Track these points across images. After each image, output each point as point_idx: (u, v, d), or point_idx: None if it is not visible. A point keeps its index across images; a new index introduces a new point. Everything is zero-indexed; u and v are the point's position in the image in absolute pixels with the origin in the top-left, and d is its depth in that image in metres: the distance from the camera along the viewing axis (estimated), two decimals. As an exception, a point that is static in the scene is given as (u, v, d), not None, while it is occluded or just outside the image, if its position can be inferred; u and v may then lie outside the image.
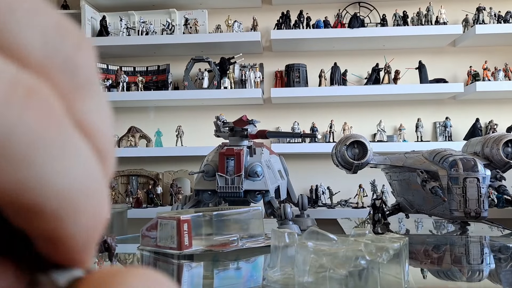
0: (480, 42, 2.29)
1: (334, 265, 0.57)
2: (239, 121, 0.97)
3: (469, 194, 0.96)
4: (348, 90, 2.25)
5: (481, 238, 1.06)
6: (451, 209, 0.96)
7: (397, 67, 2.30)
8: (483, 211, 0.95)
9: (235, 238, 0.74)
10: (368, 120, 2.39)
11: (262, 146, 1.01)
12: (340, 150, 1.08)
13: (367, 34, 2.22)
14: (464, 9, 2.33)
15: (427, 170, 1.02)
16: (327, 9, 2.40)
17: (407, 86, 2.23)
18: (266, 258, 0.73)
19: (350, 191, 2.28)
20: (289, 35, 2.24)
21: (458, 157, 0.99)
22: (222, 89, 2.24)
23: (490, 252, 0.90)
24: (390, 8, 2.37)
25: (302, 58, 2.38)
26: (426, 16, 2.27)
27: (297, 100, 2.35)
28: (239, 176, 0.91)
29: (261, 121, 1.23)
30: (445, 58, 2.40)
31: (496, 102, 2.37)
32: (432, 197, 1.00)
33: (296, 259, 0.59)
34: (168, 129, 2.33)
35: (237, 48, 2.31)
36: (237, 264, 0.70)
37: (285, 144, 2.24)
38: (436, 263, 0.79)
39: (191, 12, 2.34)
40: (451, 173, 0.97)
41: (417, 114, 2.37)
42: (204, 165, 0.96)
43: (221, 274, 0.67)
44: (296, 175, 1.66)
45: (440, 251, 0.91)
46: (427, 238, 1.10)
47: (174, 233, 0.71)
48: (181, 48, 2.31)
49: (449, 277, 0.71)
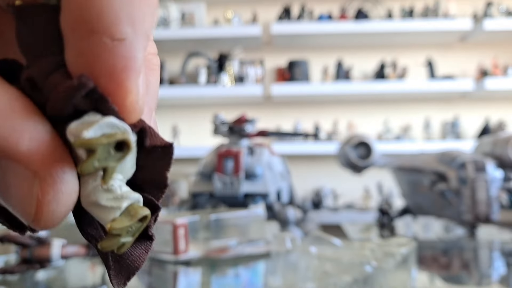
0: (490, 37, 2.26)
1: (338, 271, 0.55)
2: (239, 121, 0.94)
3: (478, 196, 0.93)
4: (353, 86, 2.22)
5: (491, 242, 1.03)
6: (460, 212, 0.94)
7: (404, 63, 2.27)
8: (493, 214, 0.92)
9: (234, 243, 0.72)
10: (374, 118, 2.35)
11: (263, 146, 0.98)
12: (345, 151, 1.06)
13: (372, 28, 2.19)
14: (472, 4, 2.30)
15: (435, 172, 0.99)
16: (330, 3, 2.37)
17: (414, 83, 2.20)
18: (266, 264, 0.70)
19: (354, 193, 2.25)
20: (291, 30, 2.20)
21: (468, 158, 0.96)
22: (221, 86, 2.21)
23: (501, 257, 0.87)
24: (396, 2, 2.33)
25: (305, 53, 2.34)
26: (434, 11, 2.23)
27: (299, 98, 2.31)
28: (238, 177, 0.88)
29: (262, 119, 1.20)
30: (453, 54, 2.36)
31: (507, 99, 2.33)
32: (440, 200, 0.98)
33: (298, 265, 0.58)
34: (164, 128, 2.30)
35: (236, 43, 2.27)
36: (236, 270, 0.68)
37: (286, 145, 2.20)
38: (445, 268, 0.77)
39: (188, 5, 2.31)
40: (460, 175, 0.94)
41: (425, 112, 2.34)
42: (202, 166, 0.94)
43: (219, 281, 0.65)
44: (298, 176, 1.63)
45: (449, 256, 0.88)
46: (436, 242, 1.07)
47: (169, 238, 0.68)
48: (177, 43, 2.27)
49: (458, 282, 0.68)
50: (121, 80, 0.13)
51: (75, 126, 0.12)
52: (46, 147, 0.13)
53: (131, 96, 0.13)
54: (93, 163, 0.13)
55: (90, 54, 0.12)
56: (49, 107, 0.13)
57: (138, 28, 0.13)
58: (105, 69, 0.13)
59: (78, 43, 0.12)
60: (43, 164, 0.13)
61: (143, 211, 0.14)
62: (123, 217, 0.13)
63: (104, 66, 0.12)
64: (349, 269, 0.55)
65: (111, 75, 0.13)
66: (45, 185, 0.13)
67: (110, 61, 0.12)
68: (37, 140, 0.13)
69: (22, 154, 0.12)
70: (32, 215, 0.13)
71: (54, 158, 0.13)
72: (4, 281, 0.55)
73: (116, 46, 0.12)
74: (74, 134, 0.12)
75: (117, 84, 0.13)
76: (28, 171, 0.13)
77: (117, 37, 0.12)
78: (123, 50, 0.13)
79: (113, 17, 0.12)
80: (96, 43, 0.12)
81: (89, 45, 0.12)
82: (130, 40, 0.13)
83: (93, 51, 0.12)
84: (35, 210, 0.13)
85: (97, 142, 0.12)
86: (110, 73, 0.13)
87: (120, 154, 0.13)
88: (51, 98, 0.13)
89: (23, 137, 0.12)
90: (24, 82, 0.13)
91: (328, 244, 0.59)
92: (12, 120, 0.12)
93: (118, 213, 0.13)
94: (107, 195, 0.13)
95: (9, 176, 0.13)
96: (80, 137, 0.12)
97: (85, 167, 0.13)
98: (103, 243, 0.14)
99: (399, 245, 0.58)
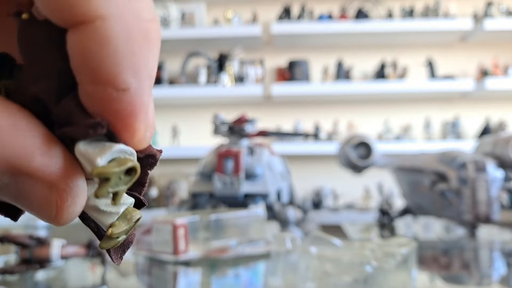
0: (490, 37, 2.25)
1: (338, 271, 0.55)
2: (239, 121, 0.94)
3: (478, 196, 0.93)
4: (353, 86, 2.21)
5: (491, 242, 1.03)
6: (460, 212, 0.94)
7: (404, 62, 2.27)
8: (493, 214, 0.92)
9: (234, 243, 0.72)
10: (374, 118, 2.35)
11: (263, 146, 0.98)
12: (345, 151, 1.06)
13: (373, 28, 2.18)
14: (473, 4, 2.29)
15: (436, 172, 0.99)
16: (331, 3, 2.36)
17: (415, 83, 2.19)
18: (266, 264, 0.70)
19: (355, 193, 2.25)
20: (291, 29, 2.20)
21: (468, 158, 0.96)
22: (221, 86, 2.20)
23: (501, 257, 0.87)
24: (396, 2, 2.33)
25: (305, 53, 2.34)
26: (435, 11, 2.23)
27: (299, 98, 2.31)
28: (238, 177, 0.88)
29: (262, 119, 1.20)
30: (454, 54, 2.36)
31: (507, 99, 2.32)
32: (441, 200, 0.98)
33: (298, 265, 0.57)
34: (163, 128, 2.29)
35: (236, 43, 2.27)
36: (236, 271, 0.68)
37: (286, 145, 2.20)
38: (445, 269, 0.77)
39: (188, 5, 2.30)
40: (461, 175, 0.94)
41: (425, 112, 2.33)
42: (202, 166, 0.94)
43: (219, 281, 0.64)
44: (298, 176, 1.63)
45: (449, 256, 0.88)
46: (436, 242, 1.07)
47: (169, 238, 0.68)
48: (177, 43, 2.27)
49: (459, 282, 0.68)
50: (128, 123, 0.14)
51: (85, 148, 0.13)
52: (58, 160, 0.14)
53: (139, 135, 0.14)
54: (107, 189, 0.14)
55: (97, 99, 0.13)
56: (64, 132, 0.14)
57: (141, 76, 0.13)
58: (112, 114, 0.13)
59: (86, 87, 0.13)
60: (58, 176, 0.14)
61: (137, 214, 0.15)
62: (120, 221, 0.15)
63: (111, 110, 0.13)
64: (349, 269, 0.55)
65: (119, 119, 0.13)
66: (63, 194, 0.14)
67: (116, 108, 0.13)
68: (49, 155, 0.13)
69: (36, 169, 0.13)
70: (52, 218, 0.14)
71: (67, 169, 0.14)
72: (4, 281, 0.55)
73: (121, 96, 0.13)
74: (87, 159, 0.13)
75: (124, 126, 0.14)
76: (45, 183, 0.13)
77: (121, 87, 0.13)
78: (128, 98, 0.13)
79: (115, 69, 0.13)
80: (101, 92, 0.13)
81: (96, 91, 0.13)
82: (134, 88, 0.13)
83: (100, 97, 0.13)
84: (55, 213, 0.14)
85: (112, 171, 0.13)
86: (117, 117, 0.13)
87: (129, 178, 0.14)
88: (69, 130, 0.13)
89: (34, 154, 0.13)
90: (28, 97, 0.14)
91: (328, 244, 0.59)
92: (20, 139, 0.13)
93: (116, 217, 0.15)
94: (105, 200, 0.14)
95: (26, 187, 0.13)
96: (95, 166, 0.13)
97: (100, 193, 0.14)
98: (103, 244, 0.15)
99: (400, 245, 0.58)
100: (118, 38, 0.12)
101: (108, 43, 0.12)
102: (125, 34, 0.13)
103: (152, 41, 0.13)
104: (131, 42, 0.13)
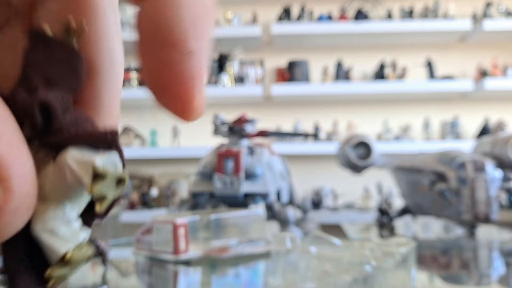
0: (489, 38, 2.26)
1: (338, 271, 0.55)
2: (239, 121, 0.94)
3: (477, 196, 0.93)
4: (353, 87, 2.22)
5: (490, 242, 1.03)
6: (459, 212, 0.94)
7: (404, 63, 2.27)
8: (492, 214, 0.92)
9: (234, 242, 0.72)
10: (374, 118, 2.35)
11: (263, 146, 0.98)
12: (345, 151, 1.06)
13: (372, 28, 2.19)
14: (472, 4, 2.30)
15: (435, 172, 0.99)
16: (330, 3, 2.37)
17: (414, 83, 2.20)
18: (266, 263, 0.70)
19: (354, 193, 2.25)
20: (291, 30, 2.20)
21: (467, 158, 0.96)
22: (221, 86, 2.20)
23: (500, 256, 0.87)
24: (396, 3, 2.33)
25: (305, 53, 2.34)
26: (434, 12, 2.23)
27: (299, 98, 2.31)
28: (238, 177, 0.88)
29: (262, 120, 1.20)
30: (453, 54, 2.36)
31: (506, 100, 2.33)
32: (440, 200, 0.98)
33: (298, 265, 0.57)
34: (164, 128, 2.29)
35: (236, 44, 2.27)
36: (236, 270, 0.68)
37: (286, 145, 2.20)
38: (444, 268, 0.77)
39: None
40: (460, 174, 0.94)
41: (424, 112, 2.34)
42: (202, 166, 0.94)
43: (220, 281, 0.65)
44: (298, 176, 1.63)
45: (449, 256, 0.88)
46: (435, 242, 1.07)
47: (169, 238, 0.68)
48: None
49: (458, 282, 0.68)
50: (189, 87, 0.15)
51: (79, 153, 0.13)
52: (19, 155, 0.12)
53: (197, 101, 0.15)
54: (101, 187, 0.13)
55: (161, 64, 0.14)
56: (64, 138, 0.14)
57: (203, 41, 0.14)
58: (174, 78, 0.14)
59: (151, 53, 0.14)
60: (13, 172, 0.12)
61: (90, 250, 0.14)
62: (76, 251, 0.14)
63: (173, 75, 0.14)
64: (349, 269, 0.54)
65: (180, 83, 0.15)
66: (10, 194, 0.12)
67: (179, 71, 0.14)
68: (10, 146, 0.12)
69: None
70: None
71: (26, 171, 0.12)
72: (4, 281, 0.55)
73: (185, 59, 0.14)
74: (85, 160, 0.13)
75: (185, 90, 0.15)
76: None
77: (186, 51, 0.14)
78: (191, 62, 0.14)
79: (183, 34, 0.14)
80: (166, 55, 0.14)
81: (161, 56, 0.14)
82: (197, 53, 0.14)
83: (164, 61, 0.14)
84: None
85: (110, 171, 0.13)
86: (179, 82, 0.14)
87: (117, 188, 0.14)
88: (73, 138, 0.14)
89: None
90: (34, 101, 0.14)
91: (328, 244, 0.59)
92: None
93: (72, 246, 0.14)
94: (66, 227, 0.14)
95: None
96: (94, 163, 0.13)
97: (96, 189, 0.13)
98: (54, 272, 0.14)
99: (399, 245, 0.58)
100: (187, 6, 0.14)
101: (179, 10, 0.14)
102: (192, 2, 0.14)
103: (211, 10, 0.15)
104: (197, 9, 0.14)
